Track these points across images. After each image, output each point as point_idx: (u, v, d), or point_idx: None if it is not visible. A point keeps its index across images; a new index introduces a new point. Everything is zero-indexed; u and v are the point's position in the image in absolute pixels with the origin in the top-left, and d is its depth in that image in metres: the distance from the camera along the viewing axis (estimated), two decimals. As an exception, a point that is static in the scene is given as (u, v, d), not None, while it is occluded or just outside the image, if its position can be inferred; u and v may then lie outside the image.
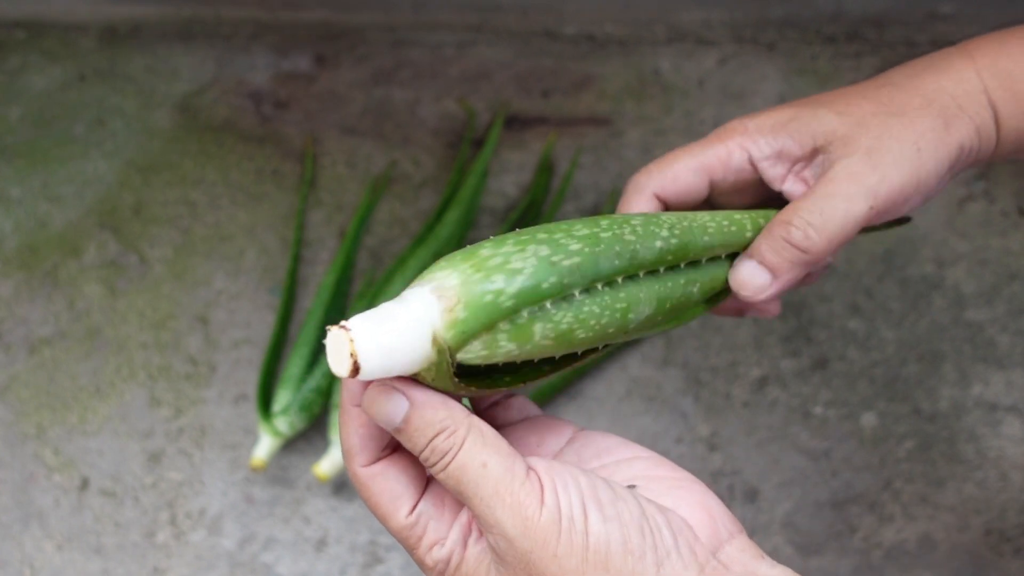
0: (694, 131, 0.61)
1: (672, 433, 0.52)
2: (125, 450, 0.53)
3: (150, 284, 0.58)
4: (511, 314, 0.29)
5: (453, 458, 0.29)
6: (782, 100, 0.62)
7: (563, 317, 0.30)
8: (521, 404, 0.35)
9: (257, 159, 0.62)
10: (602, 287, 0.31)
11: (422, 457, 0.29)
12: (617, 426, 0.53)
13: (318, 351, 0.55)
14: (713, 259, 0.36)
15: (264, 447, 0.50)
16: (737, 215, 0.37)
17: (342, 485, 0.53)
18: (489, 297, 0.29)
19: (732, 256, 0.38)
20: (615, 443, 0.33)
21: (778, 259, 0.37)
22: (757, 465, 0.52)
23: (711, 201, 0.40)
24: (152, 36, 0.66)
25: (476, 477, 0.29)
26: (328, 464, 0.50)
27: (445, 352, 0.28)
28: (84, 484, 0.53)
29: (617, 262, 0.31)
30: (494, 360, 0.29)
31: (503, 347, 0.29)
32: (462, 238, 0.57)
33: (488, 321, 0.29)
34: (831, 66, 0.63)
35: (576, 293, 0.30)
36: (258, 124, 0.63)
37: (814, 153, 0.38)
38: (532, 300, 0.29)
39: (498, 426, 0.34)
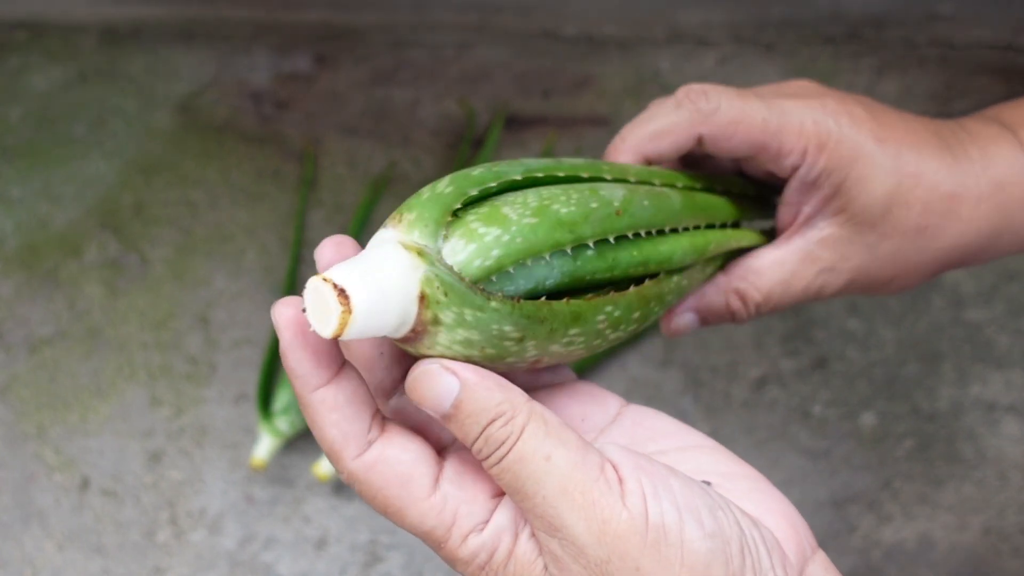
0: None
1: (672, 433, 0.52)
2: (126, 450, 0.53)
3: (151, 284, 0.58)
4: (455, 199, 0.26)
5: (511, 448, 0.24)
6: (781, 100, 0.62)
7: (526, 199, 0.27)
8: (555, 366, 0.30)
9: (257, 159, 0.62)
10: (543, 175, 0.29)
11: (475, 448, 0.25)
12: (617, 426, 0.53)
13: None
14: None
15: (264, 447, 0.51)
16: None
17: (342, 484, 0.53)
18: (426, 194, 0.26)
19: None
20: (671, 425, 0.29)
21: (714, 318, 0.35)
22: (756, 464, 0.52)
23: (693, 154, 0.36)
24: (153, 36, 0.66)
25: (538, 472, 0.24)
26: (328, 463, 0.50)
27: (427, 254, 0.25)
28: (85, 484, 0.53)
29: (543, 161, 0.29)
30: (493, 253, 0.26)
31: (485, 233, 0.26)
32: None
33: (438, 209, 0.26)
34: (830, 67, 0.63)
35: (518, 176, 0.28)
36: (258, 124, 0.63)
37: (833, 186, 0.33)
38: (467, 183, 0.27)
39: (530, 390, 0.29)
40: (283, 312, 0.25)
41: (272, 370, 0.53)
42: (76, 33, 0.67)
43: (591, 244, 0.28)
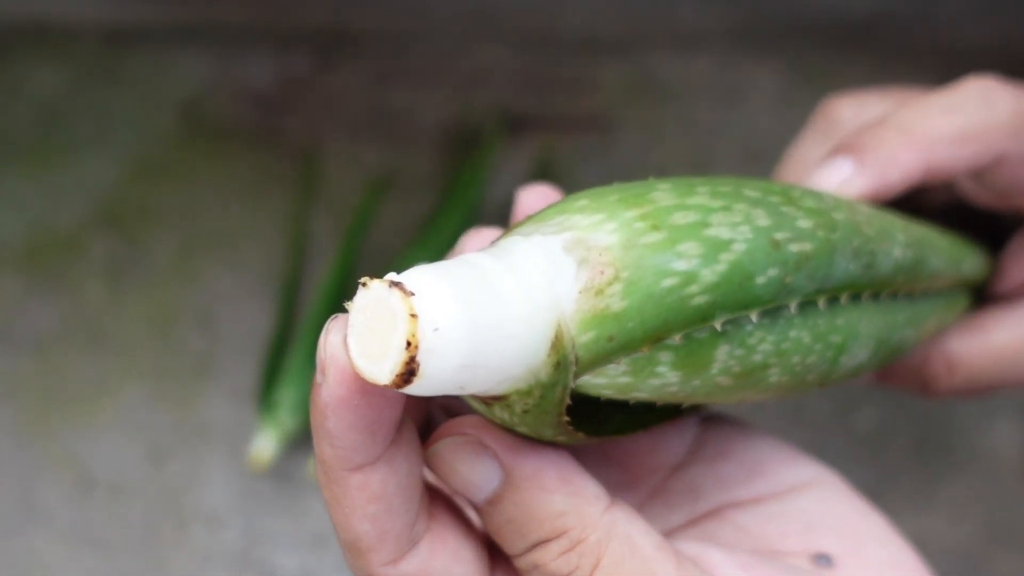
0: (692, 133, 0.62)
1: (668, 431, 0.52)
2: (130, 447, 0.54)
3: (154, 283, 0.58)
4: (700, 320, 0.16)
5: None
6: (780, 102, 0.62)
7: (761, 339, 0.17)
8: None
9: (259, 160, 0.62)
10: (824, 304, 0.18)
11: (517, 563, 0.17)
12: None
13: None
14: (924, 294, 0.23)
15: (266, 443, 0.51)
16: (959, 242, 0.25)
17: (343, 482, 0.53)
18: (670, 282, 0.16)
19: (947, 295, 0.24)
20: (771, 452, 0.21)
21: (896, 380, 0.27)
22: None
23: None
24: (155, 39, 0.67)
25: None
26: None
27: (569, 366, 0.15)
28: (89, 481, 0.53)
29: (852, 266, 0.18)
30: (630, 397, 0.17)
31: (656, 377, 0.16)
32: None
33: (660, 325, 0.16)
34: (829, 68, 0.64)
35: (791, 306, 0.17)
36: (259, 126, 0.63)
37: None
38: (736, 303, 0.16)
39: None
40: (334, 342, 0.15)
41: (274, 368, 0.54)
42: (78, 35, 0.67)
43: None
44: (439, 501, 0.18)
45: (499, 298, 0.15)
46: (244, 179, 0.61)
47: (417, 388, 0.15)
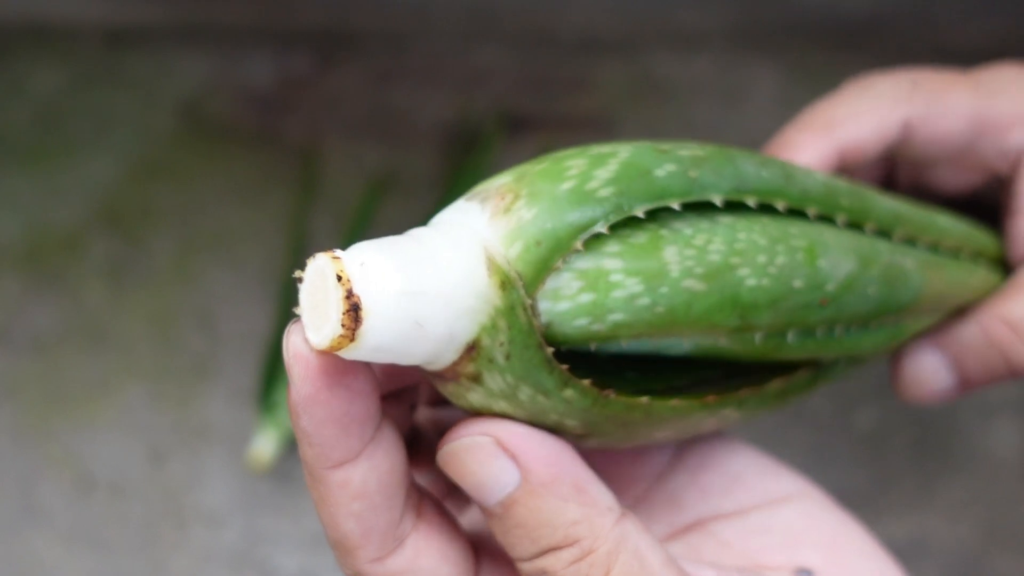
0: (691, 133, 0.62)
1: (668, 431, 0.52)
2: (129, 447, 0.54)
3: (154, 283, 0.58)
4: (615, 211, 0.16)
5: None
6: (779, 102, 0.63)
7: (708, 240, 0.17)
8: None
9: (259, 160, 0.62)
10: (756, 206, 0.18)
11: (522, 568, 0.17)
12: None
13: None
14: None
15: (266, 443, 0.51)
16: (964, 224, 0.24)
17: (343, 482, 0.53)
18: (569, 184, 0.16)
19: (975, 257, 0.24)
20: (752, 463, 0.21)
21: (981, 370, 0.25)
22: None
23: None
24: (155, 38, 0.67)
25: None
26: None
27: (515, 282, 0.16)
28: (89, 481, 0.53)
29: (765, 173, 0.19)
30: (612, 318, 0.16)
31: (617, 288, 0.16)
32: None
33: (578, 218, 0.16)
34: (828, 68, 0.64)
35: (717, 201, 0.18)
36: (259, 125, 0.63)
37: None
38: (645, 193, 0.17)
39: None
40: (295, 342, 0.17)
41: (274, 367, 0.54)
42: (78, 35, 0.67)
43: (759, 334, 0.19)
44: (426, 502, 0.18)
45: (418, 240, 0.16)
46: (244, 179, 0.61)
47: (373, 332, 0.15)
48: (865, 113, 0.25)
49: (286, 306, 0.56)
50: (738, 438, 0.23)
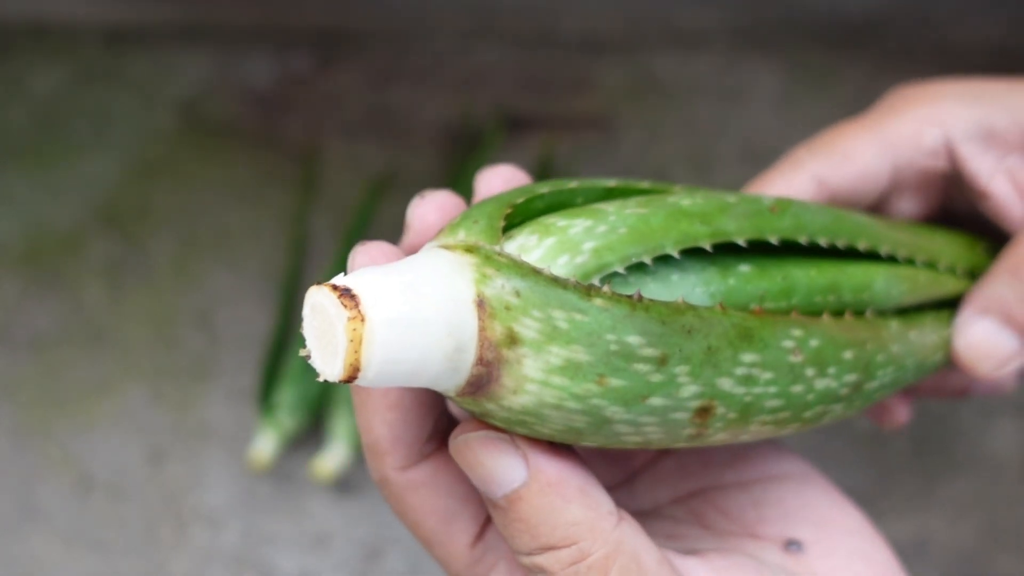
0: (692, 133, 0.62)
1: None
2: (129, 447, 0.54)
3: (153, 283, 0.58)
4: (517, 195, 0.19)
5: None
6: (780, 102, 0.63)
7: (624, 202, 0.19)
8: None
9: (259, 160, 0.62)
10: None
11: (520, 560, 0.18)
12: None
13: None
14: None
15: (266, 443, 0.51)
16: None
17: (343, 481, 0.53)
18: (476, 203, 0.19)
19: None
20: (754, 442, 0.21)
21: None
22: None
23: (880, 205, 0.27)
24: (155, 38, 0.67)
25: None
26: (328, 463, 0.50)
27: (480, 247, 0.17)
28: (88, 482, 0.53)
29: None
30: (585, 246, 0.17)
31: (568, 225, 0.18)
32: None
33: (493, 204, 0.18)
34: (828, 68, 0.64)
35: (612, 184, 0.20)
36: (260, 125, 0.63)
37: None
38: (535, 186, 0.19)
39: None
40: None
41: (274, 367, 0.54)
42: (78, 35, 0.67)
43: (744, 248, 0.19)
44: (445, 447, 0.20)
45: (414, 274, 0.17)
46: (244, 179, 0.61)
47: (367, 371, 0.16)
48: (857, 159, 0.25)
49: (286, 306, 0.56)
50: None
